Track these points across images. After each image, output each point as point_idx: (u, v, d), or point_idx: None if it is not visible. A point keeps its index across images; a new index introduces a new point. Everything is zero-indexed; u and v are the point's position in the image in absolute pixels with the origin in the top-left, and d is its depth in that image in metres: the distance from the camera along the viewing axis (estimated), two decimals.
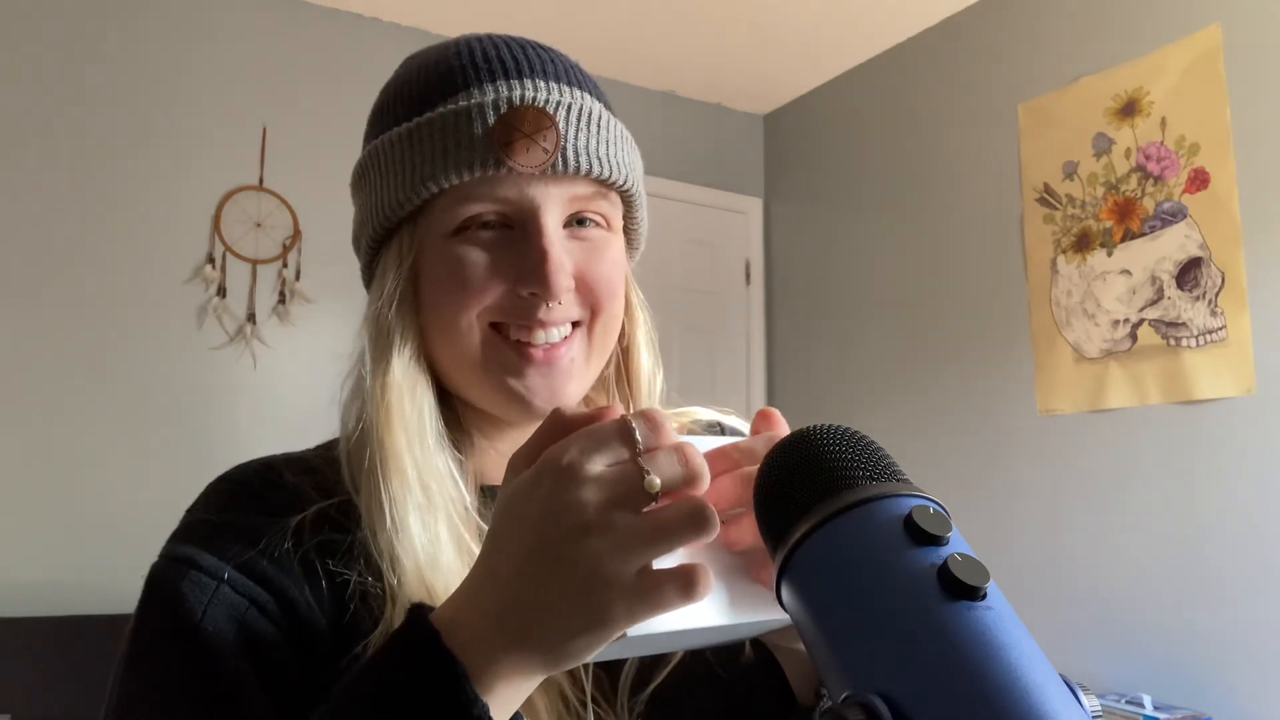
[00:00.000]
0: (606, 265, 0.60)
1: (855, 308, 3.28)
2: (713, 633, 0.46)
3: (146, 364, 2.57)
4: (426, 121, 0.57)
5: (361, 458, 0.56)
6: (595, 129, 0.59)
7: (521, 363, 0.58)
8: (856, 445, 0.39)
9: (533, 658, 0.40)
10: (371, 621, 0.52)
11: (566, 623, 0.39)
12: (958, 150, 2.94)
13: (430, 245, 0.58)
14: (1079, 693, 0.32)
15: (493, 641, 0.40)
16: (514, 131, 0.56)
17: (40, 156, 2.51)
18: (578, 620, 0.39)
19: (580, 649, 0.40)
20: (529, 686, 0.42)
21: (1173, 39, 2.36)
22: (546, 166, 0.56)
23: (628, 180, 0.61)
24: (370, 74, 3.56)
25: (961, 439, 2.82)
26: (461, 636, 0.41)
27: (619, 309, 0.63)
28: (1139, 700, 2.14)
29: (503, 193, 0.56)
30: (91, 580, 2.38)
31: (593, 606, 0.39)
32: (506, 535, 0.41)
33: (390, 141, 0.59)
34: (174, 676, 0.50)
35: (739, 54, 3.28)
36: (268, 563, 0.53)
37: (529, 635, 0.40)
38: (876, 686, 0.31)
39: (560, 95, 0.58)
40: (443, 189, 0.56)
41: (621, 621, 0.39)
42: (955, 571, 0.32)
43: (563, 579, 0.39)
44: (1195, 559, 2.21)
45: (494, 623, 0.41)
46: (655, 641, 0.44)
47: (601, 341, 0.62)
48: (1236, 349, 2.17)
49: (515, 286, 0.57)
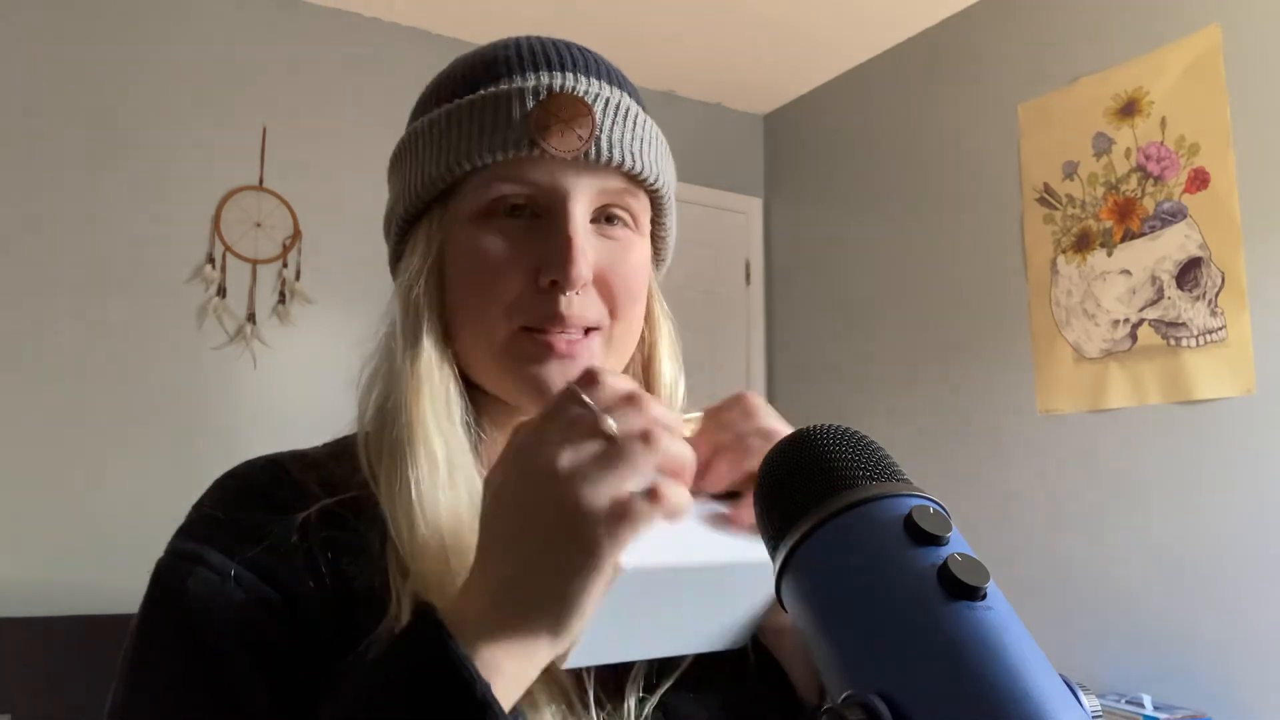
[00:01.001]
0: (629, 268, 0.60)
1: (855, 308, 3.28)
2: (712, 583, 0.48)
3: (146, 364, 2.57)
4: (466, 103, 0.58)
5: (382, 440, 0.56)
6: (631, 125, 0.59)
7: (544, 352, 0.58)
8: (856, 445, 0.39)
9: (534, 623, 0.43)
10: (376, 619, 0.52)
11: (557, 567, 0.42)
12: (958, 150, 2.94)
13: (458, 227, 0.59)
14: (1079, 693, 0.32)
15: (494, 616, 0.43)
16: (551, 116, 0.56)
17: (40, 156, 2.51)
18: (565, 558, 0.42)
19: (577, 592, 0.42)
20: (538, 660, 0.44)
21: (1173, 39, 2.36)
22: (580, 153, 0.56)
23: (659, 180, 0.62)
24: (371, 74, 3.57)
25: (961, 439, 2.82)
26: (464, 621, 0.43)
27: (638, 315, 0.63)
28: (1139, 700, 2.14)
29: (534, 176, 0.57)
30: (91, 580, 2.38)
31: (577, 540, 0.42)
32: (494, 514, 0.45)
33: (430, 122, 0.60)
34: (179, 672, 0.50)
35: (739, 54, 3.28)
36: (274, 559, 0.53)
37: (525, 598, 0.43)
38: (876, 686, 0.31)
39: (600, 89, 0.59)
40: (476, 168, 0.57)
41: (605, 546, 0.41)
42: (955, 571, 0.32)
43: (544, 526, 0.42)
44: (1195, 559, 2.21)
45: (494, 598, 0.43)
46: (654, 599, 0.46)
47: (621, 348, 0.62)
48: (1236, 349, 2.17)
49: (536, 276, 0.57)
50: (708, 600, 0.50)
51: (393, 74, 2.92)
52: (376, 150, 3.24)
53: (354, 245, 2.80)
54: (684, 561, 0.46)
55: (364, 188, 2.84)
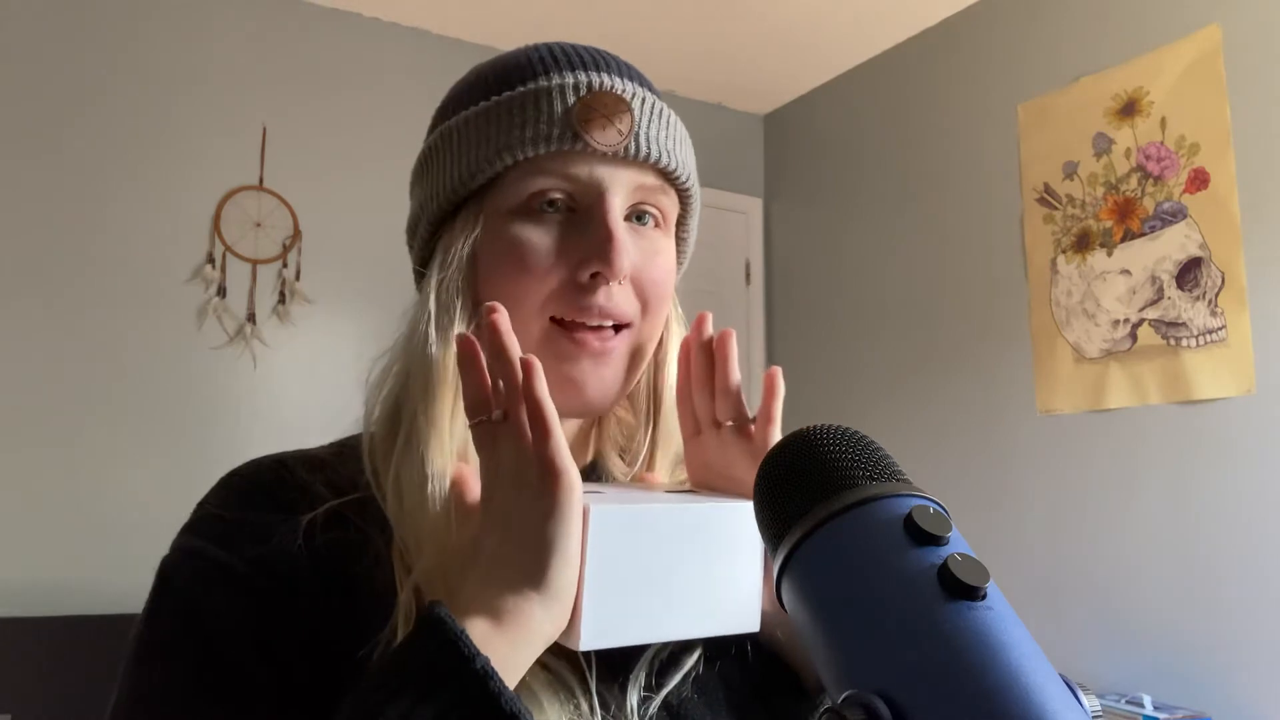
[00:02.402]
0: (660, 271, 0.61)
1: (855, 308, 3.28)
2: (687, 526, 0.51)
3: (146, 364, 2.57)
4: (505, 100, 0.58)
5: (391, 446, 0.56)
6: (665, 124, 0.60)
7: (578, 350, 0.58)
8: (856, 445, 0.39)
9: (521, 585, 0.46)
10: (381, 619, 0.52)
11: (526, 517, 0.47)
12: (958, 150, 2.94)
13: (495, 222, 0.59)
14: (1079, 693, 0.32)
15: (485, 591, 0.46)
16: (593, 111, 0.57)
17: (40, 156, 2.51)
18: (531, 505, 0.47)
19: (555, 538, 0.46)
20: (533, 628, 0.46)
21: (1173, 39, 2.36)
22: (620, 148, 0.57)
23: (689, 179, 0.63)
24: (370, 74, 3.56)
25: (961, 439, 2.82)
26: (462, 605, 0.46)
27: (665, 315, 0.64)
28: (1139, 700, 2.14)
29: (574, 170, 0.57)
30: (91, 580, 2.38)
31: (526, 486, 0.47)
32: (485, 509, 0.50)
33: (464, 120, 0.60)
34: (183, 671, 0.50)
35: (739, 54, 3.28)
36: (279, 559, 0.53)
37: (508, 565, 0.46)
38: (876, 686, 0.31)
39: (635, 89, 0.60)
40: (517, 161, 0.57)
41: (552, 478, 0.46)
42: (955, 571, 0.32)
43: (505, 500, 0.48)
44: (1195, 559, 2.21)
45: (482, 575, 0.47)
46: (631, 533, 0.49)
47: (643, 347, 0.62)
48: (1236, 349, 2.17)
49: (577, 271, 0.57)
50: (700, 558, 0.51)
51: (393, 74, 2.92)
52: (376, 150, 3.26)
53: (354, 245, 2.80)
54: (652, 505, 0.49)
55: (364, 188, 2.84)
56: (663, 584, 0.50)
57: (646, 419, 0.67)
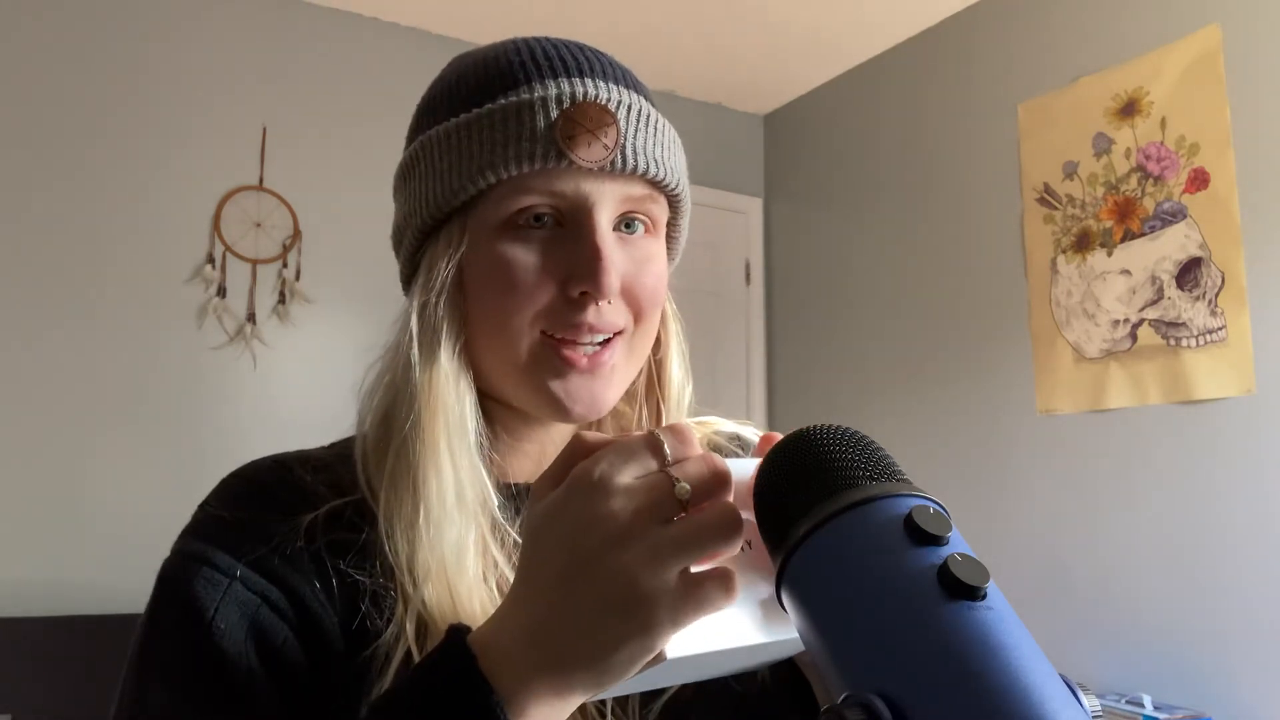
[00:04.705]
0: (652, 277, 0.60)
1: (855, 308, 3.28)
2: (746, 654, 0.45)
3: (147, 364, 2.57)
4: (486, 113, 0.57)
5: (383, 456, 0.56)
6: (652, 130, 0.59)
7: (565, 368, 0.57)
8: (856, 445, 0.39)
9: (571, 677, 0.40)
10: (383, 622, 0.52)
11: (608, 635, 0.39)
12: (958, 150, 2.94)
13: (480, 239, 0.58)
14: (1079, 693, 0.32)
15: (526, 661, 0.40)
16: (576, 126, 0.56)
17: (40, 156, 2.51)
18: (621, 630, 0.38)
19: (623, 662, 0.39)
20: (566, 709, 0.42)
21: (1173, 39, 2.36)
22: (606, 163, 0.56)
23: (679, 185, 0.62)
24: (370, 74, 3.56)
25: (961, 439, 2.82)
26: (495, 658, 0.41)
27: (659, 319, 0.63)
28: (1139, 700, 2.14)
29: (559, 186, 0.56)
30: (91, 580, 2.38)
31: (635, 615, 0.38)
32: (538, 556, 0.41)
33: (446, 132, 0.58)
34: (185, 673, 0.50)
35: (739, 54, 3.28)
36: (280, 561, 0.53)
37: (566, 653, 0.40)
38: (876, 686, 0.31)
39: (620, 96, 0.58)
40: (500, 179, 0.56)
41: (666, 626, 0.38)
42: (955, 571, 0.32)
43: (601, 591, 0.39)
44: (1195, 559, 2.21)
45: (528, 643, 0.40)
46: (689, 666, 0.44)
47: (640, 350, 0.62)
48: (1236, 349, 2.17)
49: (565, 287, 0.56)
50: (738, 664, 0.50)
51: (393, 74, 2.92)
52: (376, 150, 3.25)
53: (354, 245, 2.80)
54: (726, 644, 0.42)
55: (364, 188, 2.84)
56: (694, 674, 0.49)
57: (647, 419, 0.67)
